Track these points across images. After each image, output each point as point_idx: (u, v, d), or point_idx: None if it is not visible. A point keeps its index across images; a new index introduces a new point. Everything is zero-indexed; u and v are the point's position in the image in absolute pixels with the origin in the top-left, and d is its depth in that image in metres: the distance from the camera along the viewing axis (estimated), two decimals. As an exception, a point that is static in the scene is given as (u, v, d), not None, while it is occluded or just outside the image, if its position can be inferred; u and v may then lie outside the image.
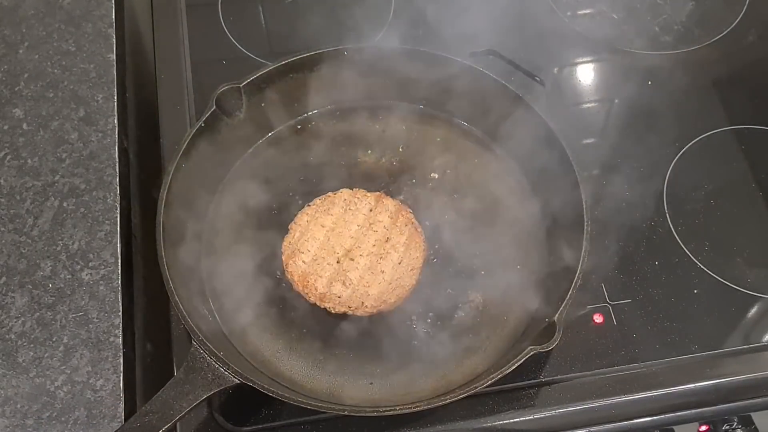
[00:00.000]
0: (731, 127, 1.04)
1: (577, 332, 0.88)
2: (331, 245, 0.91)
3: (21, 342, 0.83)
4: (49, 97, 0.99)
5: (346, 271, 0.89)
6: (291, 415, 0.83)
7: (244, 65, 1.08)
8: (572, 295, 0.81)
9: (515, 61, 1.03)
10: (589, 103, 1.09)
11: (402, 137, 1.02)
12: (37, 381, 0.81)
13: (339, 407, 0.77)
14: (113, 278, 0.87)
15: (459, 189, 0.98)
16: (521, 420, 0.83)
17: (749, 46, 1.14)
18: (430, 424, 0.82)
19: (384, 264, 0.90)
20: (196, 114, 1.03)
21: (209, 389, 0.75)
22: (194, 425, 0.83)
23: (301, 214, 0.94)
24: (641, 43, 1.14)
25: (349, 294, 0.88)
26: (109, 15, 1.07)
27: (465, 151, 1.00)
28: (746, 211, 0.98)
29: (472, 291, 0.90)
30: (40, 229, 0.90)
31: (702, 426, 0.88)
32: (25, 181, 0.93)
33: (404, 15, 1.14)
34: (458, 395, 0.77)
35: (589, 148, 1.04)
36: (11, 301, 0.86)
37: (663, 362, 0.87)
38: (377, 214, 0.93)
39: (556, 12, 1.17)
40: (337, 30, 1.03)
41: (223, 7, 1.16)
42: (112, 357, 0.83)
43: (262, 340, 0.87)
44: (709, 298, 0.91)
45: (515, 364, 0.77)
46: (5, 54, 1.03)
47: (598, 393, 0.84)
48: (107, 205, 0.92)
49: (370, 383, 0.85)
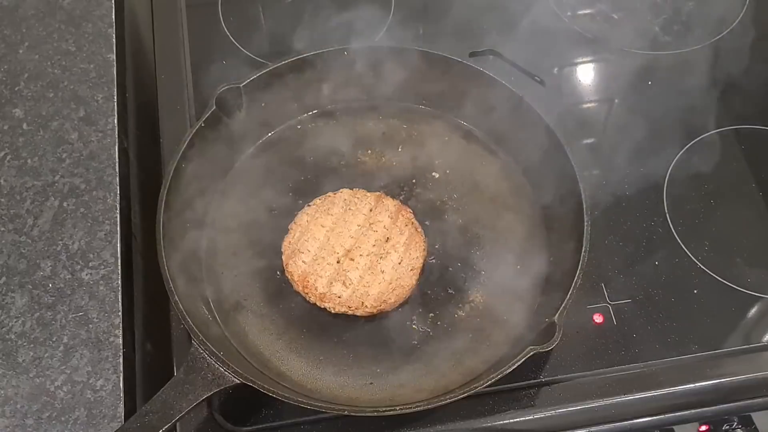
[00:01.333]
0: (731, 127, 1.04)
1: (577, 332, 0.88)
2: (331, 245, 0.91)
3: (21, 342, 0.83)
4: (49, 97, 0.99)
5: (346, 271, 0.89)
6: (291, 415, 0.83)
7: (244, 65, 1.09)
8: (572, 295, 0.81)
9: (515, 61, 1.04)
10: (589, 103, 1.09)
11: (402, 137, 1.02)
12: (37, 381, 0.81)
13: (339, 407, 0.77)
14: (113, 278, 0.87)
15: (459, 189, 0.98)
16: (521, 420, 0.83)
17: (749, 46, 1.14)
18: (430, 424, 0.82)
19: (384, 264, 0.90)
20: (196, 114, 1.03)
21: (209, 389, 0.76)
22: (194, 425, 0.82)
23: (301, 214, 0.94)
24: (641, 43, 1.14)
25: (349, 294, 0.88)
26: (109, 15, 1.07)
27: (465, 151, 1.00)
28: (746, 211, 0.98)
29: (472, 291, 0.90)
30: (40, 229, 0.90)
31: (702, 426, 0.88)
32: (25, 181, 0.93)
33: (404, 15, 1.14)
34: (458, 395, 0.77)
35: (589, 148, 1.04)
36: (11, 301, 0.86)
37: (663, 362, 0.87)
38: (377, 214, 0.93)
39: (556, 12, 1.17)
40: (337, 30, 1.03)
41: (223, 7, 1.16)
42: (112, 357, 0.83)
43: (262, 340, 0.87)
44: (709, 298, 0.91)
45: (515, 364, 0.77)
46: (5, 54, 1.03)
47: (598, 393, 0.84)
48: (107, 205, 0.92)
49: (370, 383, 0.85)
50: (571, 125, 1.04)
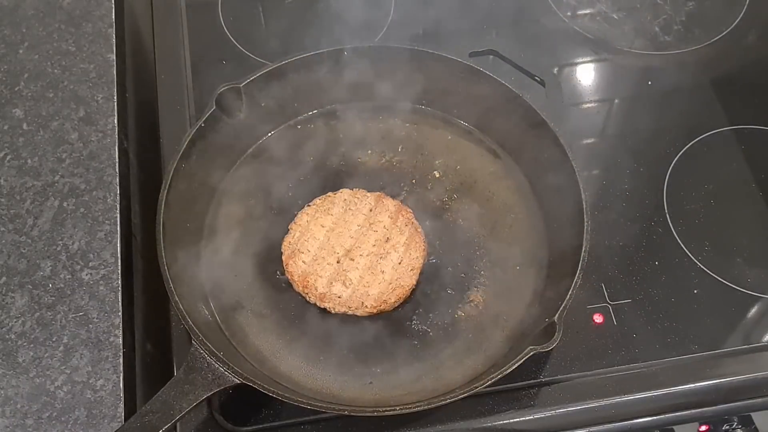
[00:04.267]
0: (731, 127, 1.04)
1: (577, 332, 0.88)
2: (331, 245, 0.91)
3: (21, 342, 0.83)
4: (49, 97, 0.99)
5: (346, 271, 0.89)
6: (291, 415, 0.83)
7: (244, 65, 1.09)
8: (572, 295, 0.81)
9: (515, 61, 1.04)
10: (589, 103, 1.09)
11: (402, 137, 1.02)
12: (37, 381, 0.81)
13: (339, 407, 0.77)
14: (113, 278, 0.87)
15: (459, 189, 0.98)
16: (521, 420, 0.83)
17: (749, 46, 1.14)
18: (430, 424, 0.82)
19: (384, 264, 0.90)
20: (196, 114, 1.03)
21: (209, 389, 0.75)
22: (194, 425, 0.82)
23: (301, 214, 0.94)
24: (641, 43, 1.14)
25: (349, 294, 0.88)
26: (109, 15, 1.07)
27: (465, 151, 1.00)
28: (746, 211, 0.98)
29: (472, 291, 0.90)
30: (40, 229, 0.90)
31: (702, 426, 0.88)
32: (25, 181, 0.93)
33: (404, 15, 1.14)
34: (458, 395, 0.77)
35: (589, 148, 1.04)
36: (11, 301, 0.86)
37: (663, 362, 0.87)
38: (377, 214, 0.93)
39: (556, 12, 1.17)
40: (337, 30, 1.03)
41: (223, 7, 1.16)
42: (112, 357, 0.83)
43: (262, 340, 0.87)
44: (709, 298, 0.91)
45: (515, 364, 0.77)
46: (5, 54, 1.03)
47: (598, 393, 0.84)
48: (107, 205, 0.92)
49: (370, 383, 0.85)
50: (571, 125, 1.04)
